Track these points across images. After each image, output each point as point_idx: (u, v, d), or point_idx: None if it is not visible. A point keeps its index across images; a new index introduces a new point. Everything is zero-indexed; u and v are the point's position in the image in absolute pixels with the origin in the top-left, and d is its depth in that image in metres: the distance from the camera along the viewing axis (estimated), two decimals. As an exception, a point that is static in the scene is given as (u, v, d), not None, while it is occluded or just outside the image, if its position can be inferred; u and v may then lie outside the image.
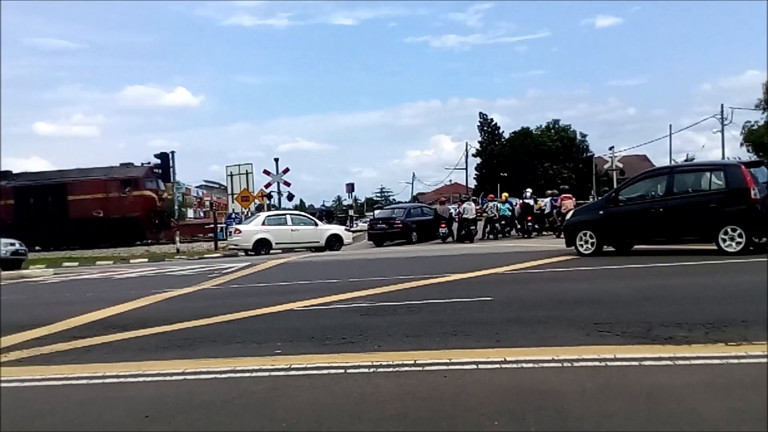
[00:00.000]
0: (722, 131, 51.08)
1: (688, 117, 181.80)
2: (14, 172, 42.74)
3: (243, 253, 25.69)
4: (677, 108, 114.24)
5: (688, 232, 13.56)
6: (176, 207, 30.91)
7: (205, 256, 26.75)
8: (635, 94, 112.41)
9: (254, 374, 5.55)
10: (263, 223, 26.19)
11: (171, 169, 30.89)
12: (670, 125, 67.68)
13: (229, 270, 16.75)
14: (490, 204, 28.33)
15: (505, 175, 67.62)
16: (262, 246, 25.44)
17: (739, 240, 12.67)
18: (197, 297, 11.87)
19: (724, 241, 12.80)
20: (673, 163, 47.22)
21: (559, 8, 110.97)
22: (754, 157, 41.21)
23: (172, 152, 31.77)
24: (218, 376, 5.57)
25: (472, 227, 27.17)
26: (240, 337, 7.35)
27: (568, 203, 24.55)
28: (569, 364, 5.20)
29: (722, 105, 51.60)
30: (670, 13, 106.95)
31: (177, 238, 30.37)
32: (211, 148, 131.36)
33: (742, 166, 13.44)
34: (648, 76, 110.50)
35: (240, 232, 26.03)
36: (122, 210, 37.56)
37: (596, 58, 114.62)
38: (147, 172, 40.53)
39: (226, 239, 29.23)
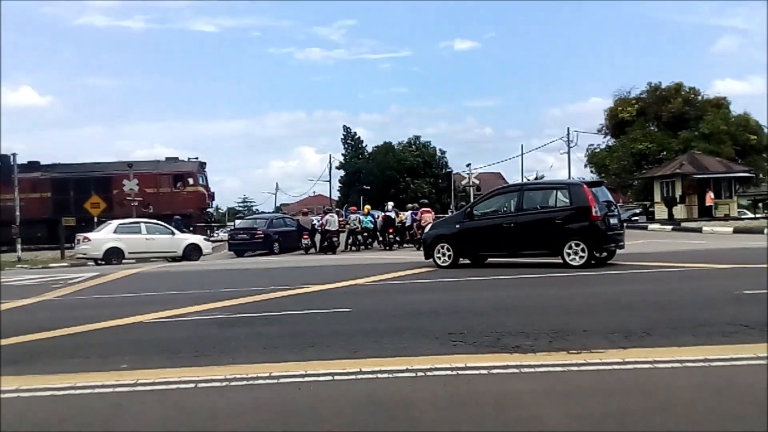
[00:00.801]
0: (569, 153, 54.75)
1: (539, 138, 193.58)
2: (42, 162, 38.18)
3: (93, 263, 24.24)
4: (529, 130, 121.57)
5: (537, 246, 14.25)
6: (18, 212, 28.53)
7: (50, 265, 24.93)
8: (491, 115, 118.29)
9: (96, 390, 5.22)
10: (115, 231, 24.80)
11: (12, 173, 28.59)
12: (522, 145, 71.78)
13: (75, 280, 15.72)
14: (353, 216, 28.50)
15: (368, 188, 68.56)
16: (113, 255, 24.10)
17: (582, 254, 13.51)
18: (37, 308, 11.04)
19: (569, 255, 13.58)
20: (524, 180, 49.91)
21: (419, 29, 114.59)
22: (596, 178, 44.39)
23: (14, 154, 29.44)
24: (56, 393, 5.19)
25: (335, 239, 27.27)
26: (83, 351, 6.90)
27: (428, 217, 25.23)
28: (423, 374, 5.30)
29: (568, 129, 55.23)
30: (522, 41, 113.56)
31: (18, 246, 28.15)
32: (59, 152, 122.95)
33: (585, 186, 14.37)
34: (503, 98, 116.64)
35: (89, 240, 24.49)
36: (174, 206, 34.46)
37: (455, 79, 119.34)
38: (198, 168, 37.82)
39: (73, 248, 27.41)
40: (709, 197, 36.97)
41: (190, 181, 37.41)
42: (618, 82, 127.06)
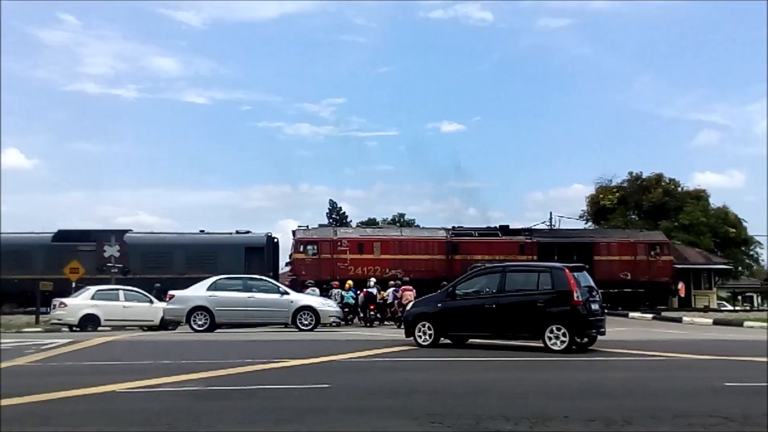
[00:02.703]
0: (551, 237, 55.34)
1: (521, 221, 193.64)
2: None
3: (67, 329, 23.76)
4: (512, 212, 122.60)
5: (518, 329, 14.18)
6: None
7: (24, 330, 24.40)
8: (475, 195, 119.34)
9: (65, 461, 5.06)
10: (92, 297, 24.44)
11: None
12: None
13: (48, 346, 15.38)
14: (334, 291, 28.37)
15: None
16: (89, 322, 23.66)
17: (563, 339, 13.45)
18: (6, 374, 10.74)
19: (550, 339, 13.52)
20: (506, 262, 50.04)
21: (407, 110, 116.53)
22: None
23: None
24: (22, 462, 5.03)
25: (315, 313, 27.02)
26: (53, 420, 6.71)
27: (409, 295, 25.17)
28: (401, 455, 5.21)
29: (551, 213, 56.08)
30: (507, 126, 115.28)
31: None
32: (40, 215, 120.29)
33: (567, 270, 14.41)
34: (487, 180, 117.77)
35: (65, 305, 24.08)
36: (650, 274, 36.83)
37: (441, 159, 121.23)
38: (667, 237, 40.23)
39: (48, 313, 26.87)
40: (681, 289, 37.87)
41: (665, 249, 38.74)
42: (600, 170, 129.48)
